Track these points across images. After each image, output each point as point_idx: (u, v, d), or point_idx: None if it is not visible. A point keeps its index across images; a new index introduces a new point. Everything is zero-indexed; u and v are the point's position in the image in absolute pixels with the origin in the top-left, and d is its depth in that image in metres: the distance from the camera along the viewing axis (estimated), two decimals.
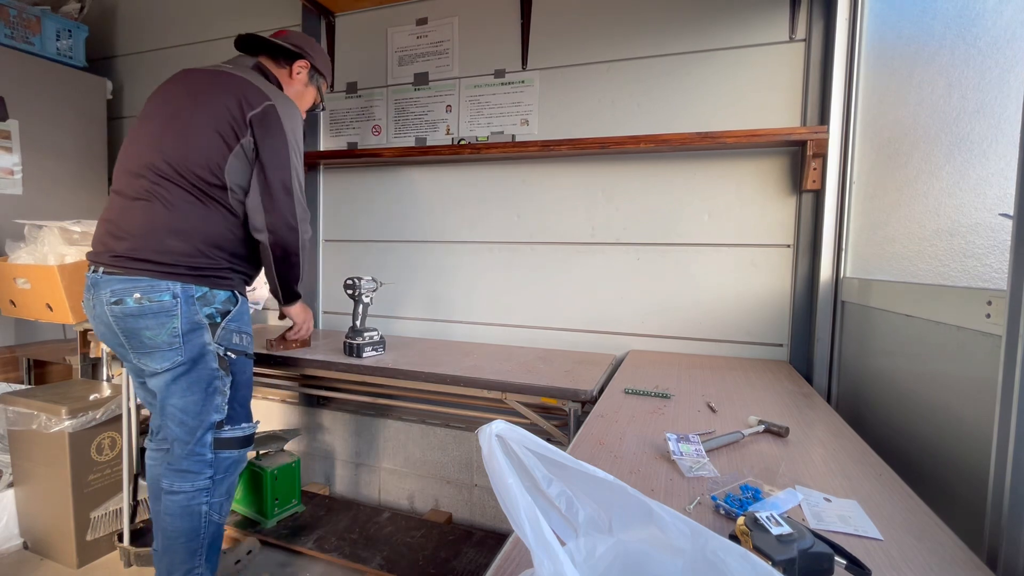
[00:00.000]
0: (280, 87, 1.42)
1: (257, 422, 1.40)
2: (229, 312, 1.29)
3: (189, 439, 1.25)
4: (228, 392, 1.29)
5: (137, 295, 1.19)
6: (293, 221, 1.31)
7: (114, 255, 1.21)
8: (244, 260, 1.34)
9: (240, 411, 1.34)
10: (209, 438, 1.27)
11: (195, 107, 1.25)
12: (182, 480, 1.26)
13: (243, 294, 1.36)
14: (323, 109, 1.63)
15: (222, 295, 1.28)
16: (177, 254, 1.21)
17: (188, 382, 1.24)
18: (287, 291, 1.42)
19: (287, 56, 1.45)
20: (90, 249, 1.29)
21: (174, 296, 1.20)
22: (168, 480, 1.27)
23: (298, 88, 1.49)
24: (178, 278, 1.20)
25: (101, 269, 1.23)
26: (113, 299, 1.19)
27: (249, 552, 1.71)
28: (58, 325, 2.28)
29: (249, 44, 1.45)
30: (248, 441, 1.36)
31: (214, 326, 1.26)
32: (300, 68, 1.47)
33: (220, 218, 1.26)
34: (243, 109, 1.25)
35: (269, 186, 1.27)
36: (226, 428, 1.30)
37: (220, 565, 1.43)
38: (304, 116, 1.46)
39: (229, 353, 1.29)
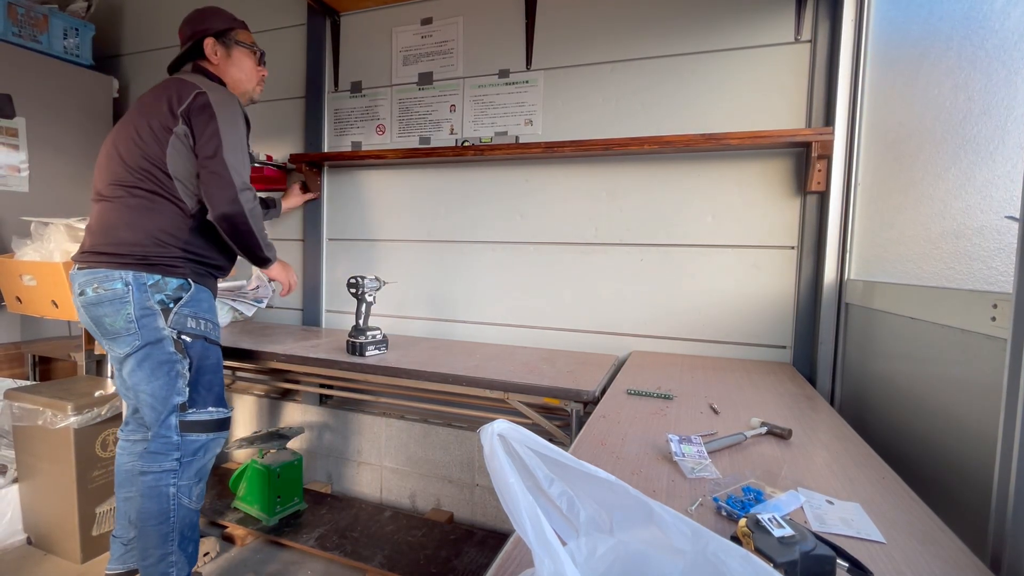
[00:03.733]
0: (220, 80, 1.49)
1: (230, 409, 1.44)
2: (181, 298, 1.35)
3: (156, 422, 1.33)
4: (188, 375, 1.34)
5: (95, 285, 1.30)
6: (231, 194, 1.34)
7: (82, 252, 1.36)
8: (199, 249, 1.40)
9: (206, 395, 1.38)
10: (173, 420, 1.33)
11: (136, 116, 1.38)
12: (150, 461, 1.33)
13: (200, 283, 1.40)
14: (262, 52, 1.60)
15: (174, 282, 1.35)
16: (129, 244, 1.31)
17: (151, 367, 1.31)
18: (254, 258, 1.48)
19: (197, 50, 1.49)
20: None
21: (126, 284, 1.29)
22: (141, 462, 1.34)
23: (225, 64, 1.51)
24: (130, 267, 1.30)
25: (76, 266, 1.36)
26: (79, 291, 1.33)
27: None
28: (63, 322, 2.29)
29: (178, 63, 1.54)
30: (219, 426, 1.40)
31: (166, 311, 1.33)
32: (210, 47, 1.48)
33: (168, 211, 1.35)
34: (172, 104, 1.34)
35: (205, 167, 1.34)
36: (190, 411, 1.35)
37: None
38: (261, 79, 1.60)
39: (184, 336, 1.34)
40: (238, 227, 1.38)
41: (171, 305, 1.34)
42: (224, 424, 1.41)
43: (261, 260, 1.50)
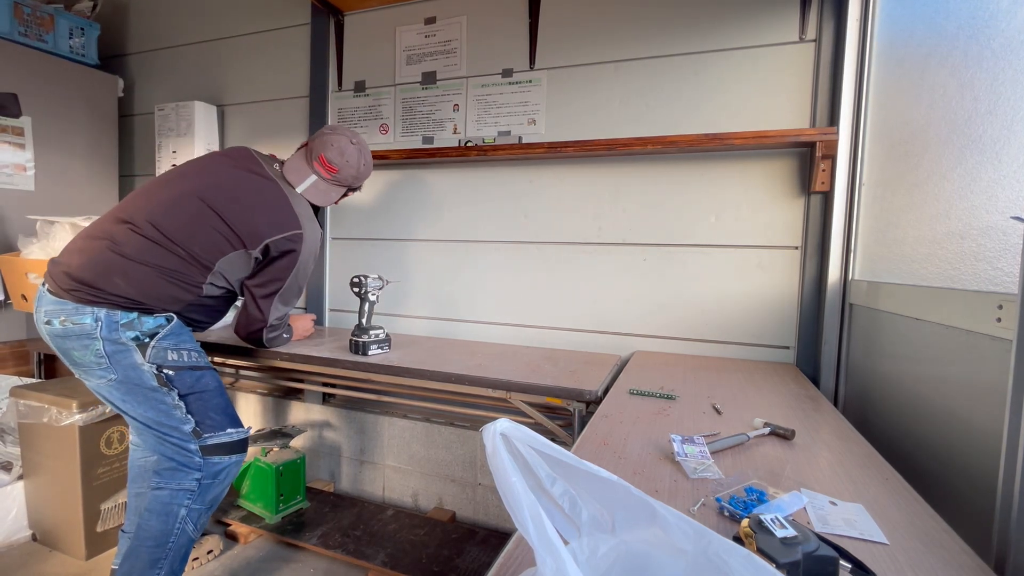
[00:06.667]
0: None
1: (249, 428, 1.40)
2: (158, 333, 1.27)
3: (167, 445, 1.27)
4: (183, 405, 1.27)
5: (62, 317, 1.22)
6: (258, 328, 1.47)
7: (60, 271, 1.25)
8: (185, 314, 1.35)
9: (221, 418, 1.33)
10: (193, 446, 1.28)
11: (222, 198, 1.33)
12: (168, 478, 1.27)
13: (180, 320, 1.34)
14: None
15: (150, 321, 1.27)
16: (116, 294, 1.23)
17: (136, 400, 1.25)
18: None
19: (329, 180, 1.55)
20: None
21: (96, 320, 1.21)
22: (157, 477, 1.28)
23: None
24: (103, 305, 1.22)
25: (46, 286, 1.27)
26: (45, 319, 1.25)
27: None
28: None
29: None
30: (239, 447, 1.36)
31: (142, 346, 1.24)
32: (342, 199, 1.66)
33: (181, 289, 1.30)
34: (272, 225, 1.35)
35: (253, 295, 1.42)
36: (208, 436, 1.30)
37: None
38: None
39: (166, 371, 1.26)
40: (251, 343, 1.55)
41: (147, 340, 1.25)
42: (244, 445, 1.37)
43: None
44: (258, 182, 1.40)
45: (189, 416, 1.28)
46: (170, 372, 1.27)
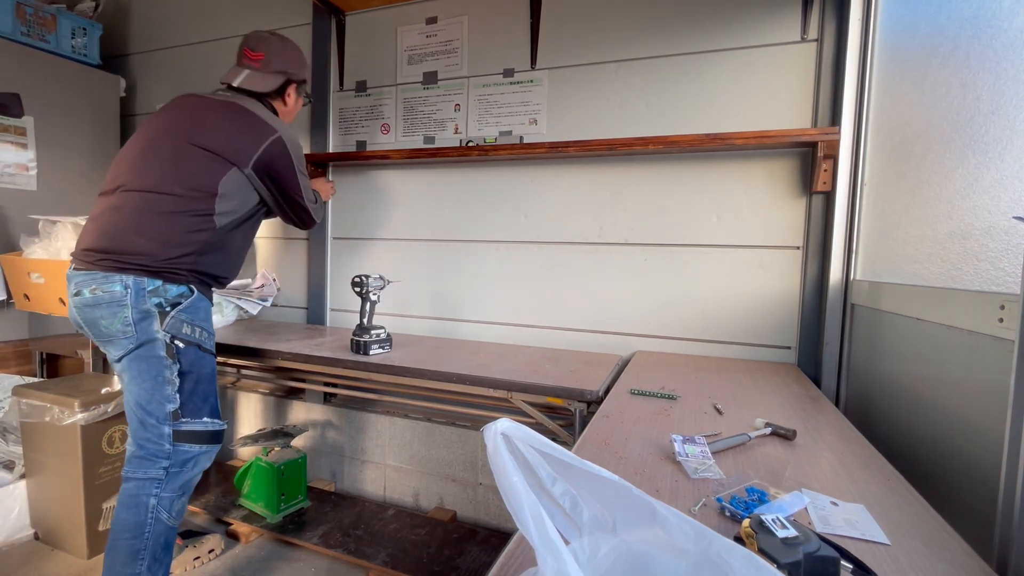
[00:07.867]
0: (276, 112, 1.56)
1: (224, 423, 1.39)
2: (180, 303, 1.30)
3: (145, 429, 1.27)
4: (177, 382, 1.28)
5: (92, 287, 1.26)
6: (311, 219, 1.62)
7: (83, 250, 1.30)
8: (208, 265, 1.36)
9: (201, 405, 1.33)
10: (167, 429, 1.27)
11: (190, 131, 1.35)
12: (135, 467, 1.28)
13: (201, 291, 1.37)
14: (310, 101, 1.82)
15: (174, 289, 1.30)
16: (137, 253, 1.26)
17: (139, 368, 1.27)
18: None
19: (279, 88, 1.54)
20: None
21: (125, 287, 1.25)
22: (127, 467, 1.29)
23: (291, 107, 1.62)
24: (131, 272, 1.26)
25: (73, 266, 1.32)
26: (75, 291, 1.29)
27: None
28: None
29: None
30: (212, 438, 1.34)
31: (163, 314, 1.28)
32: (292, 96, 1.59)
33: (194, 224, 1.32)
34: (248, 145, 1.37)
35: (289, 208, 1.54)
36: (184, 420, 1.29)
37: (177, 558, 1.48)
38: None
39: (177, 342, 1.29)
40: (308, 228, 1.67)
41: (168, 308, 1.29)
42: (218, 437, 1.36)
43: (316, 213, 1.67)
44: (214, 105, 1.41)
45: (176, 395, 1.29)
46: (180, 344, 1.30)
